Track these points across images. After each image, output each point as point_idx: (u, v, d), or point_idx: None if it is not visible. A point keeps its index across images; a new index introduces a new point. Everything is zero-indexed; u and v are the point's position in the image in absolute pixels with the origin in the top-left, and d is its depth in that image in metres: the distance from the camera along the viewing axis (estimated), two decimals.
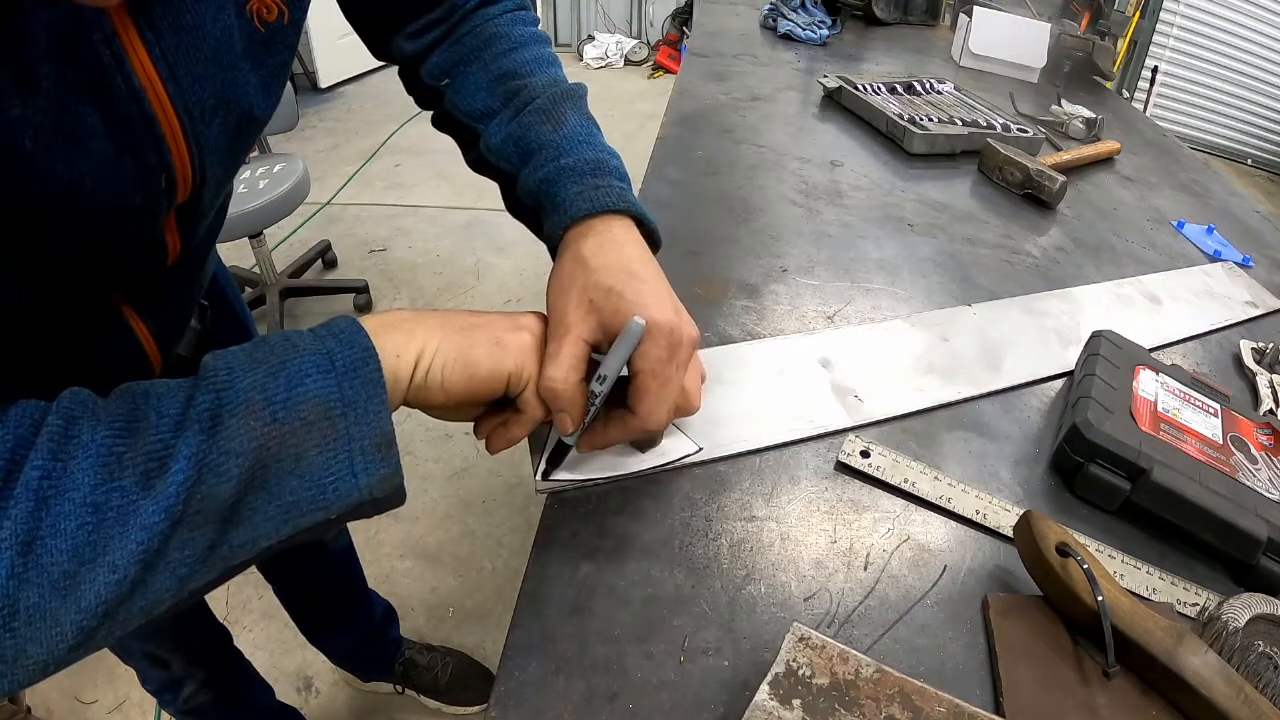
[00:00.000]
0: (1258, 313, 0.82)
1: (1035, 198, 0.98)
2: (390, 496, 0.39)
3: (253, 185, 1.92)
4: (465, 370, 0.41)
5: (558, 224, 0.49)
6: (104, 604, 0.30)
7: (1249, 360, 0.73)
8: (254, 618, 1.44)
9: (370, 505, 0.38)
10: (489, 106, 0.55)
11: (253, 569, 0.49)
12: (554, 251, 0.50)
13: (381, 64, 0.68)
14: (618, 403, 0.46)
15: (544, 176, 0.50)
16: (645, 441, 0.52)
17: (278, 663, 1.39)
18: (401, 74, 0.62)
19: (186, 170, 0.42)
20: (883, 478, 0.53)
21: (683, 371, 0.46)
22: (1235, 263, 0.92)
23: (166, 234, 0.48)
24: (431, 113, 0.61)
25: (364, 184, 3.09)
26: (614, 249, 0.47)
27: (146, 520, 0.30)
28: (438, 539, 1.64)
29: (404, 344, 0.40)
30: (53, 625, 0.29)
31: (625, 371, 0.45)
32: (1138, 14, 3.63)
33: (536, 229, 0.54)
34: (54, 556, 0.29)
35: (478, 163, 0.58)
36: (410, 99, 0.64)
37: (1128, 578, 0.49)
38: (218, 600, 1.45)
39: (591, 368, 0.45)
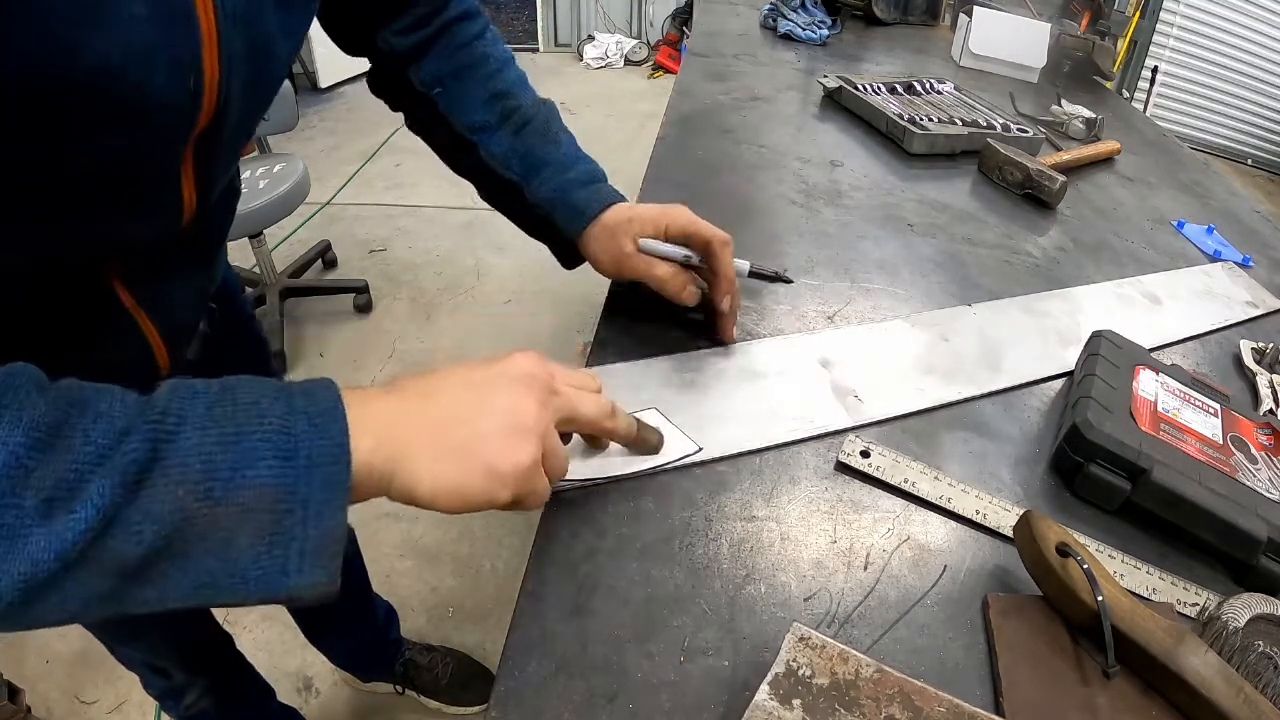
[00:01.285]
0: (1258, 313, 0.82)
1: (1035, 198, 0.98)
2: (318, 598, 0.34)
3: (253, 185, 1.92)
4: (457, 498, 0.37)
5: (579, 223, 0.62)
6: None
7: (1249, 360, 0.73)
8: (254, 618, 1.44)
9: (292, 601, 0.34)
10: (486, 120, 0.63)
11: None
12: (571, 242, 0.64)
13: None
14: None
15: (555, 187, 0.63)
16: (646, 446, 0.52)
17: (278, 663, 1.39)
18: (378, 72, 0.65)
19: (214, 83, 0.40)
20: (883, 478, 0.53)
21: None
22: (1235, 263, 0.92)
23: (184, 181, 0.46)
24: (404, 113, 0.67)
25: (364, 184, 3.09)
26: (629, 210, 0.62)
27: (35, 553, 0.27)
28: (438, 539, 1.64)
29: (385, 455, 0.35)
30: None
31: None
32: (1138, 14, 3.63)
33: (536, 226, 0.65)
34: None
35: (472, 167, 0.66)
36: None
37: (1128, 578, 0.49)
38: None
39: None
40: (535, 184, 0.63)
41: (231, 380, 0.34)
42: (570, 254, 0.66)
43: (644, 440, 0.51)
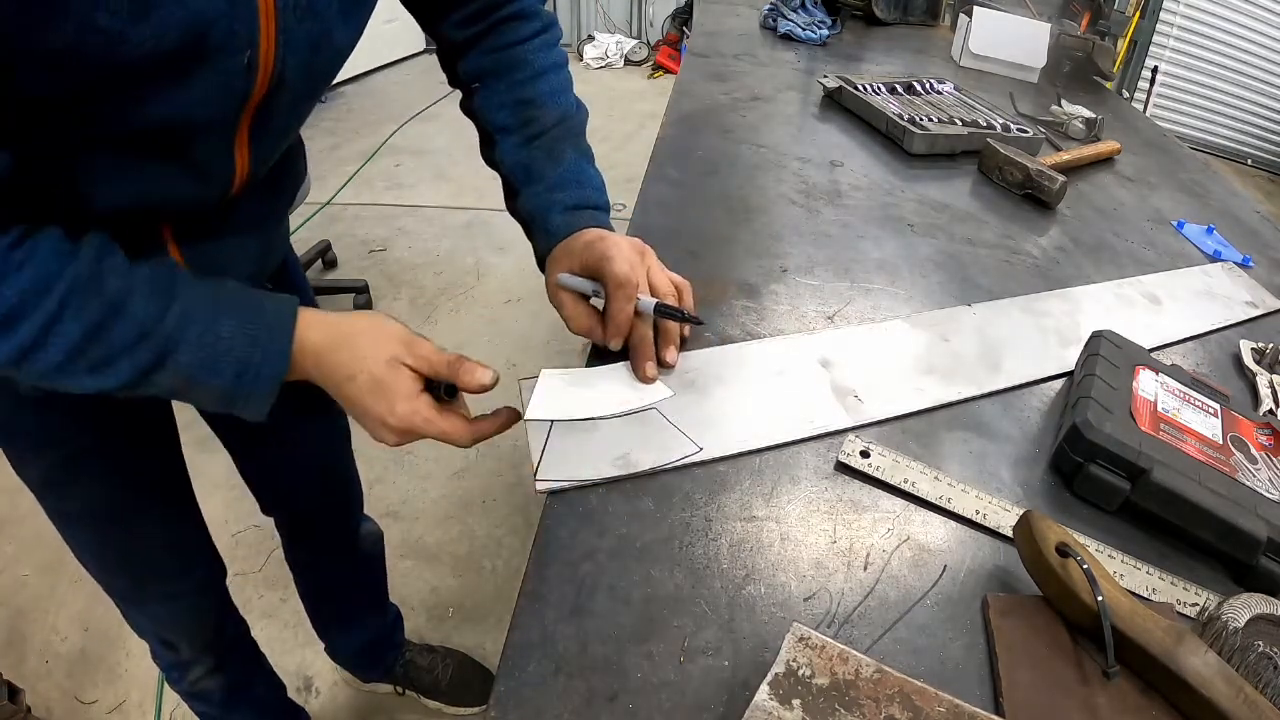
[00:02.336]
0: (1258, 313, 0.82)
1: (1035, 198, 0.98)
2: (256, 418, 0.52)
3: None
4: (360, 422, 0.54)
5: (545, 243, 0.65)
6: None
7: (1249, 360, 0.73)
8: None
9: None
10: (507, 124, 0.67)
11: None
12: (541, 259, 0.66)
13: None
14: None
15: (538, 205, 0.66)
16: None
17: (278, 662, 1.39)
18: (440, 55, 0.72)
19: (269, 59, 0.47)
20: (883, 478, 0.53)
21: (645, 263, 0.61)
22: (1235, 263, 0.92)
23: (237, 149, 0.53)
24: (460, 95, 0.72)
25: (364, 184, 3.09)
26: (582, 235, 0.63)
27: (82, 386, 0.46)
28: (438, 539, 1.64)
29: (308, 379, 0.52)
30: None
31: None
32: (1138, 14, 3.63)
33: (527, 232, 0.68)
34: (32, 373, 0.44)
35: (490, 160, 0.70)
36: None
37: (1128, 578, 0.49)
38: None
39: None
40: (526, 194, 0.66)
41: (223, 300, 0.49)
42: (539, 259, 0.68)
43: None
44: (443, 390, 0.54)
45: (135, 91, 0.43)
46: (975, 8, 1.53)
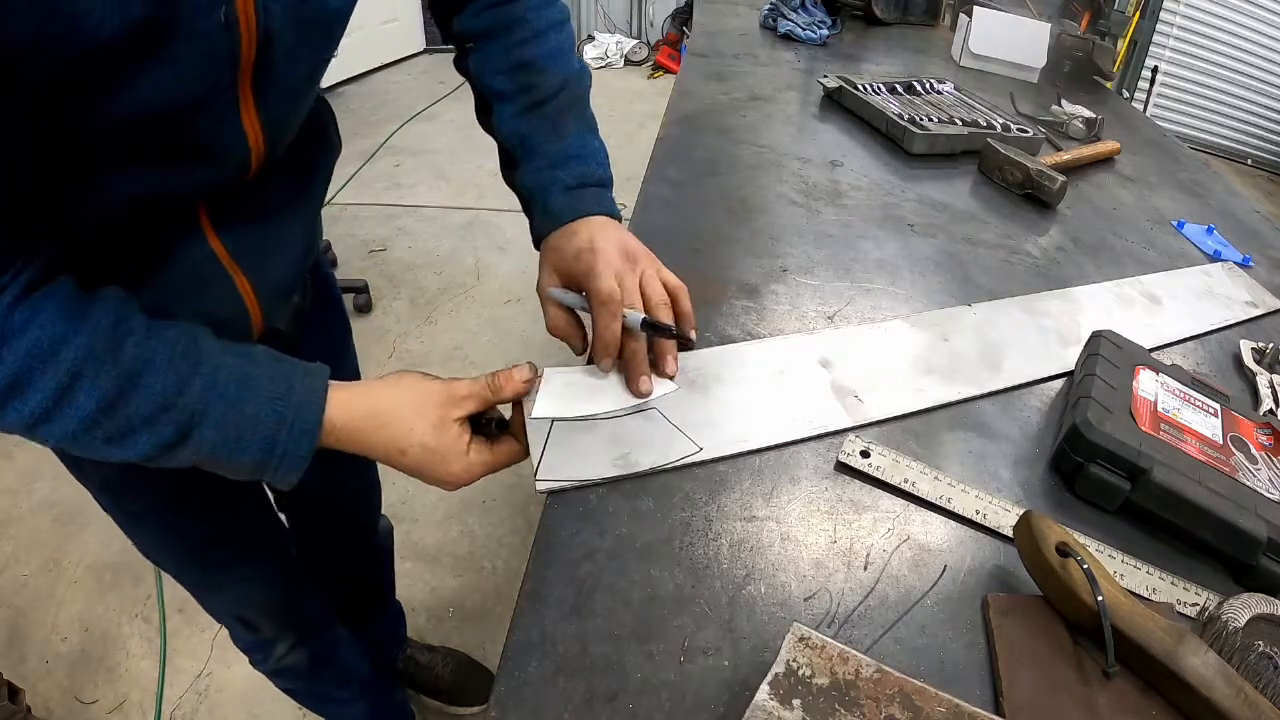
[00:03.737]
0: (1258, 313, 0.82)
1: (1035, 198, 0.98)
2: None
3: None
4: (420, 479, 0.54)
5: (545, 225, 0.62)
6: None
7: (1249, 360, 0.73)
8: None
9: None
10: (504, 89, 0.64)
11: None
12: (537, 239, 0.64)
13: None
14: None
15: (537, 182, 0.63)
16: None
17: None
18: (433, 6, 0.68)
19: (249, 10, 0.43)
20: (883, 478, 0.53)
21: (637, 271, 0.59)
22: (1235, 263, 0.91)
23: (245, 120, 0.49)
24: (454, 51, 0.68)
25: (364, 184, 3.09)
26: (576, 235, 0.60)
27: (99, 454, 0.45)
28: (437, 539, 1.64)
29: (339, 447, 0.51)
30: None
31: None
32: (1138, 14, 3.62)
33: (525, 207, 0.65)
34: (46, 437, 0.43)
35: (487, 127, 0.67)
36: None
37: (1128, 578, 0.49)
38: None
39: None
40: (526, 169, 0.63)
41: (249, 374, 0.47)
42: (535, 240, 0.65)
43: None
44: (494, 426, 0.56)
45: (116, 77, 0.40)
46: (975, 8, 1.53)
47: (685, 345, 0.60)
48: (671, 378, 0.58)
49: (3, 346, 0.40)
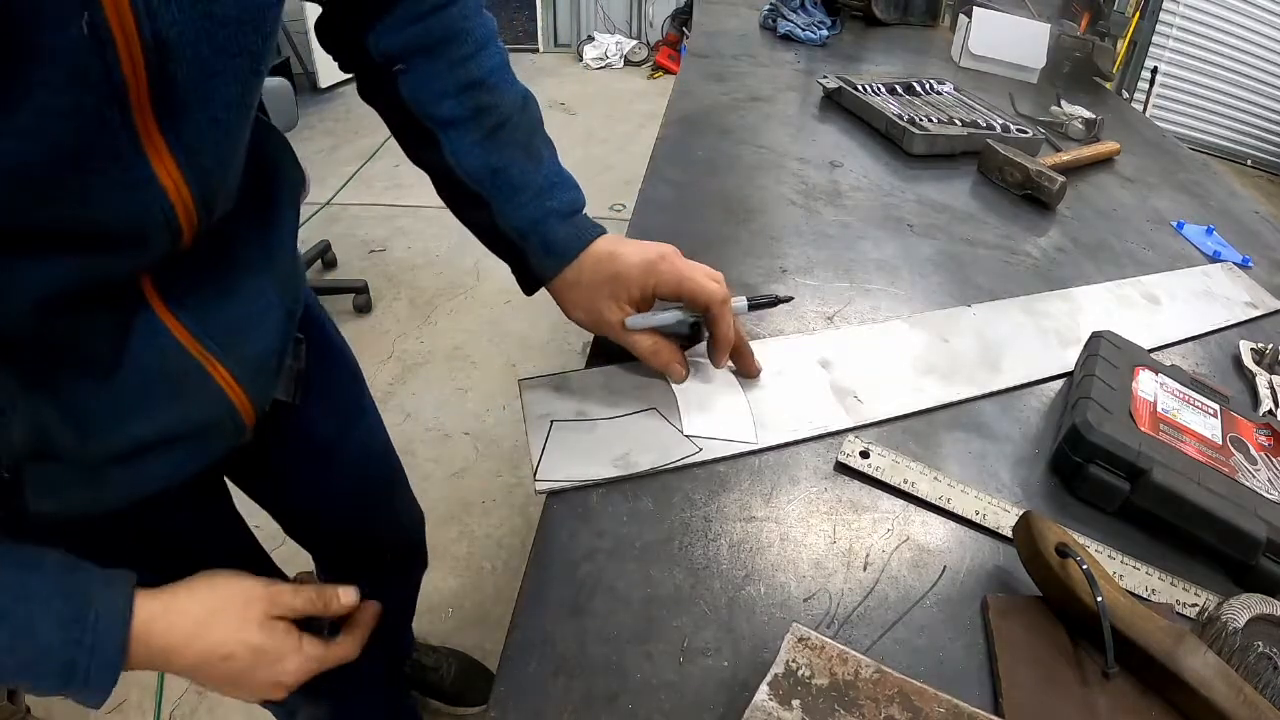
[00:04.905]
0: (1257, 313, 0.82)
1: (1035, 198, 0.98)
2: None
3: None
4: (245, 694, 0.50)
5: (554, 263, 0.56)
6: None
7: (1248, 361, 0.73)
8: None
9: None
10: (454, 115, 0.53)
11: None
12: (542, 281, 0.57)
13: None
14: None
15: (532, 217, 0.55)
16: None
17: None
18: (329, 21, 0.54)
19: (125, 15, 0.31)
20: (882, 478, 0.53)
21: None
22: (1235, 263, 0.92)
23: (155, 165, 0.37)
24: (355, 76, 0.56)
25: (364, 184, 3.09)
26: (614, 257, 0.56)
27: None
28: (437, 539, 1.63)
29: (186, 665, 0.46)
30: None
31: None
32: (1137, 14, 3.63)
33: (503, 250, 0.58)
34: None
35: (432, 163, 0.56)
36: None
37: (1127, 578, 0.49)
38: None
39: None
40: (509, 208, 0.55)
41: (40, 595, 0.40)
42: (531, 284, 0.59)
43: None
44: (326, 631, 0.55)
45: None
46: (975, 8, 1.53)
47: (787, 301, 0.61)
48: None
49: None
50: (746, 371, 0.59)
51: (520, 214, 0.55)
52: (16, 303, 0.37)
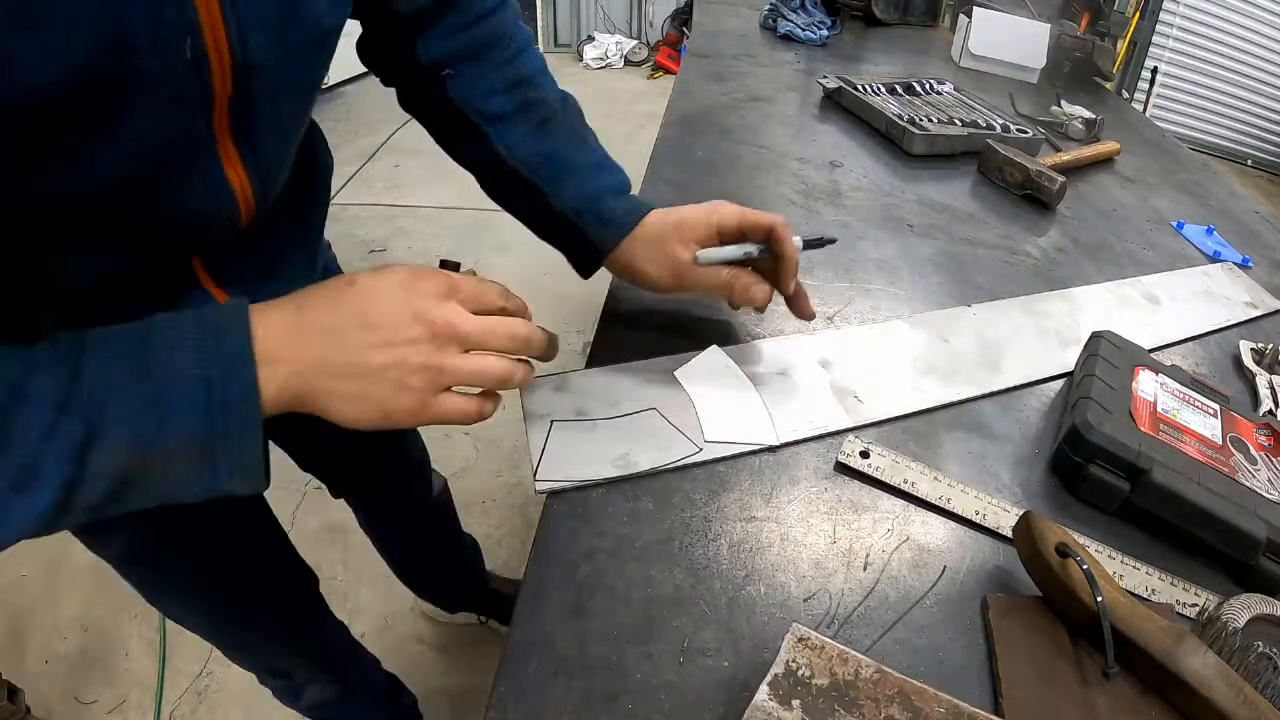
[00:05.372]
0: (1257, 313, 0.82)
1: (1035, 198, 0.98)
2: (251, 494, 0.39)
3: None
4: (362, 427, 0.41)
5: (613, 235, 0.58)
6: None
7: (1248, 361, 0.73)
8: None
9: (233, 496, 0.39)
10: (503, 110, 0.57)
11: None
12: (600, 253, 0.59)
13: None
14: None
15: (586, 195, 0.58)
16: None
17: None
18: (373, 39, 0.57)
19: (222, 43, 0.36)
20: (882, 478, 0.53)
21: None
22: (1235, 263, 0.92)
23: (226, 167, 0.41)
24: (398, 89, 0.60)
25: (364, 184, 3.09)
26: (672, 215, 0.58)
27: (18, 520, 0.34)
28: None
29: (293, 391, 0.39)
30: None
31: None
32: (1137, 14, 3.63)
33: (555, 231, 0.60)
34: None
35: (478, 158, 0.59)
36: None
37: (1127, 578, 0.49)
38: None
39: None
40: (563, 191, 0.58)
41: (145, 329, 0.36)
42: (590, 263, 0.61)
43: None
44: None
45: (64, 140, 0.33)
46: (975, 8, 1.53)
47: (831, 242, 0.62)
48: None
49: None
50: (801, 312, 0.61)
51: (574, 193, 0.58)
52: (82, 276, 0.41)
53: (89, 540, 0.62)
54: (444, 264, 0.46)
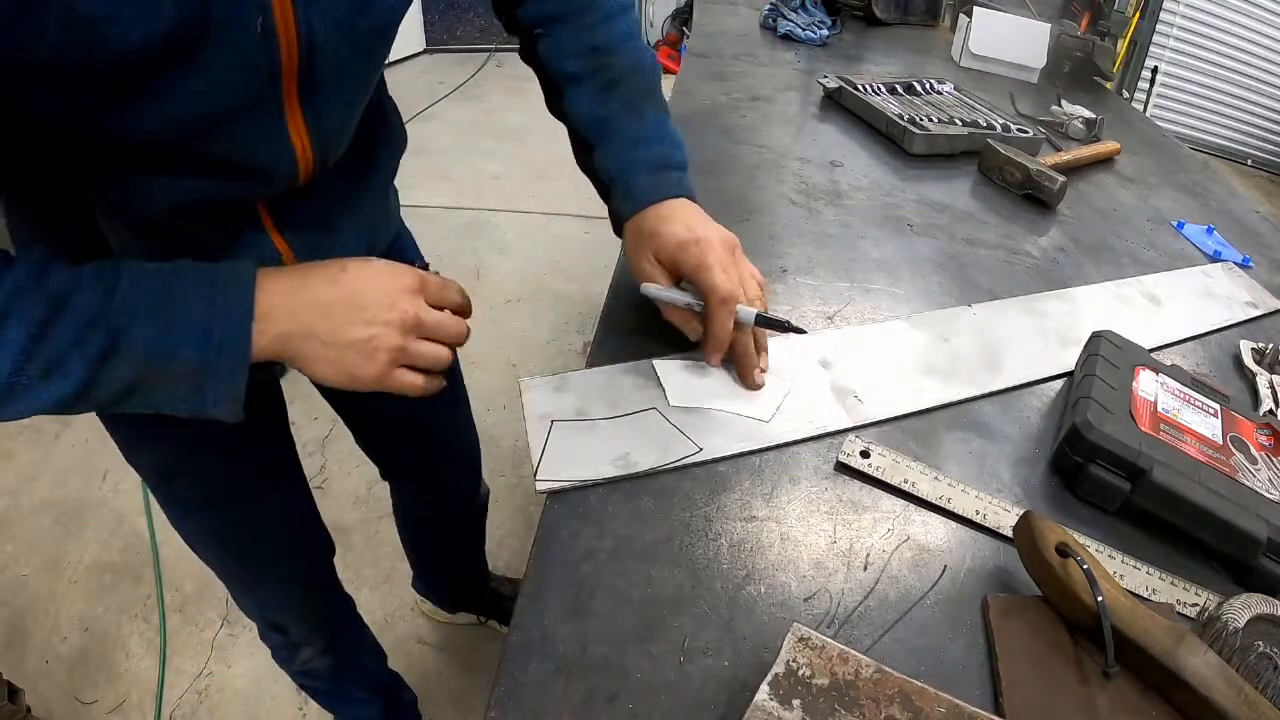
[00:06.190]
0: (1258, 313, 0.82)
1: (1035, 198, 0.98)
2: (230, 420, 0.48)
3: None
4: (346, 380, 0.50)
5: (628, 206, 0.61)
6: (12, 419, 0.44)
7: (1249, 361, 0.73)
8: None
9: (215, 418, 0.47)
10: (577, 72, 0.63)
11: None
12: (621, 222, 0.62)
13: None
14: None
15: (620, 164, 0.62)
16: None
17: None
18: (495, 1, 0.67)
19: (289, 20, 0.42)
20: (883, 478, 0.53)
21: (739, 263, 0.59)
22: (1235, 263, 0.92)
23: (292, 131, 0.48)
24: (519, 43, 0.68)
25: None
26: (671, 220, 0.59)
27: (40, 401, 0.42)
28: None
29: (279, 346, 0.47)
30: None
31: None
32: (1138, 14, 3.62)
33: (601, 192, 0.65)
34: None
35: (558, 113, 0.66)
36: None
37: (1128, 578, 0.49)
38: (218, 600, 1.45)
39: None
40: (604, 153, 0.63)
41: (175, 272, 0.45)
42: (615, 228, 0.65)
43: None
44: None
45: (147, 86, 0.40)
46: (975, 8, 1.53)
47: (799, 334, 0.59)
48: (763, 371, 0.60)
49: None
50: (742, 379, 0.59)
51: (612, 159, 0.62)
52: (162, 201, 0.48)
53: (125, 449, 0.69)
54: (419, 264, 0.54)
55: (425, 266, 0.55)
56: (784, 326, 0.57)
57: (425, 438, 0.98)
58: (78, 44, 0.35)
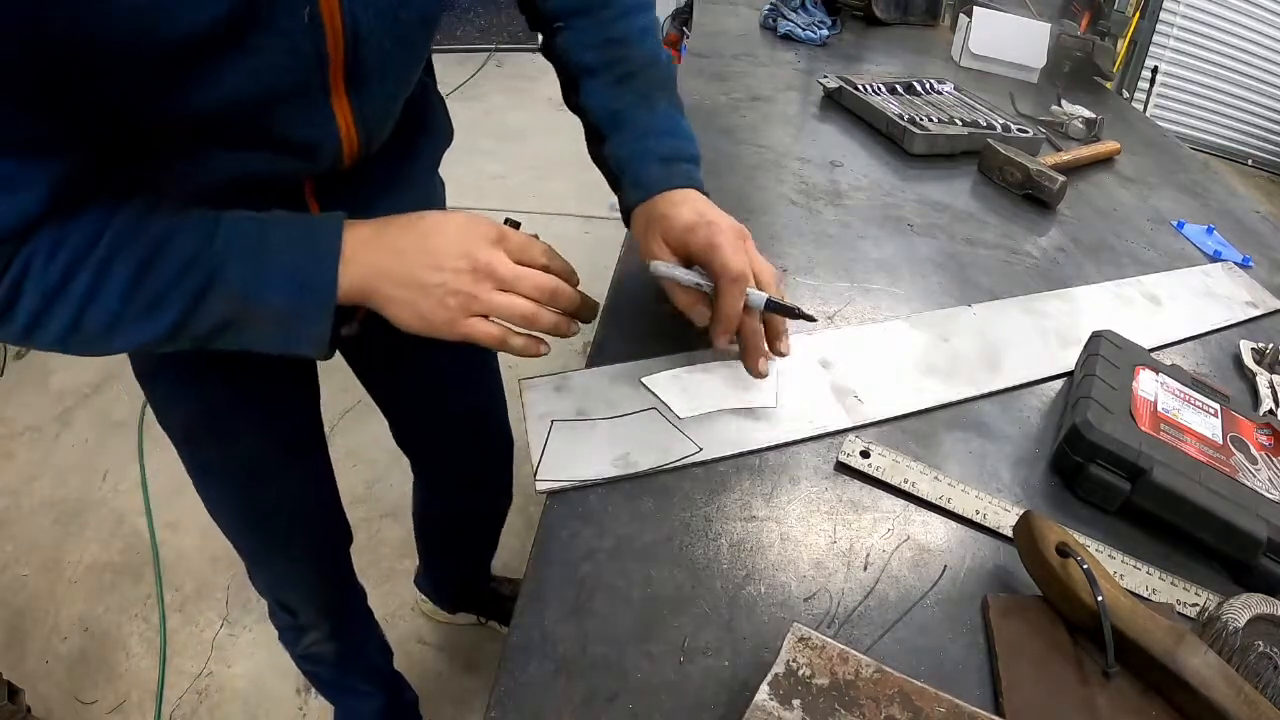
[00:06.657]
0: (1258, 313, 0.82)
1: (1035, 198, 0.98)
2: (317, 357, 0.51)
3: None
4: (420, 324, 0.51)
5: (635, 195, 0.62)
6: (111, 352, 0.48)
7: (1249, 360, 0.73)
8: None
9: (302, 356, 0.50)
10: (593, 64, 0.64)
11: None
12: (629, 211, 0.63)
13: None
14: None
15: (630, 153, 0.62)
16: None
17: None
18: None
19: (335, 11, 0.45)
20: (883, 478, 0.53)
21: (749, 248, 0.58)
22: (1235, 263, 0.92)
23: (339, 119, 0.51)
24: (540, 38, 0.69)
25: None
26: (680, 204, 0.59)
27: (138, 335, 0.46)
28: None
29: (361, 290, 0.49)
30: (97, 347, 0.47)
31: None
32: (1138, 14, 3.62)
33: (611, 182, 0.65)
34: (88, 338, 0.45)
35: (574, 106, 0.67)
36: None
37: (1128, 578, 0.49)
38: (218, 600, 1.45)
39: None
40: (615, 143, 0.63)
41: (270, 220, 0.48)
42: (625, 218, 0.65)
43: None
44: None
45: (202, 66, 0.42)
46: (975, 8, 1.53)
47: (809, 320, 0.58)
48: (785, 356, 0.60)
49: (58, 249, 0.42)
50: (747, 365, 0.59)
51: (623, 149, 0.63)
52: (216, 175, 0.51)
53: (157, 409, 0.71)
54: (507, 221, 0.55)
55: (516, 225, 0.55)
56: (795, 313, 0.56)
57: (456, 421, 0.97)
58: (123, 30, 0.37)
